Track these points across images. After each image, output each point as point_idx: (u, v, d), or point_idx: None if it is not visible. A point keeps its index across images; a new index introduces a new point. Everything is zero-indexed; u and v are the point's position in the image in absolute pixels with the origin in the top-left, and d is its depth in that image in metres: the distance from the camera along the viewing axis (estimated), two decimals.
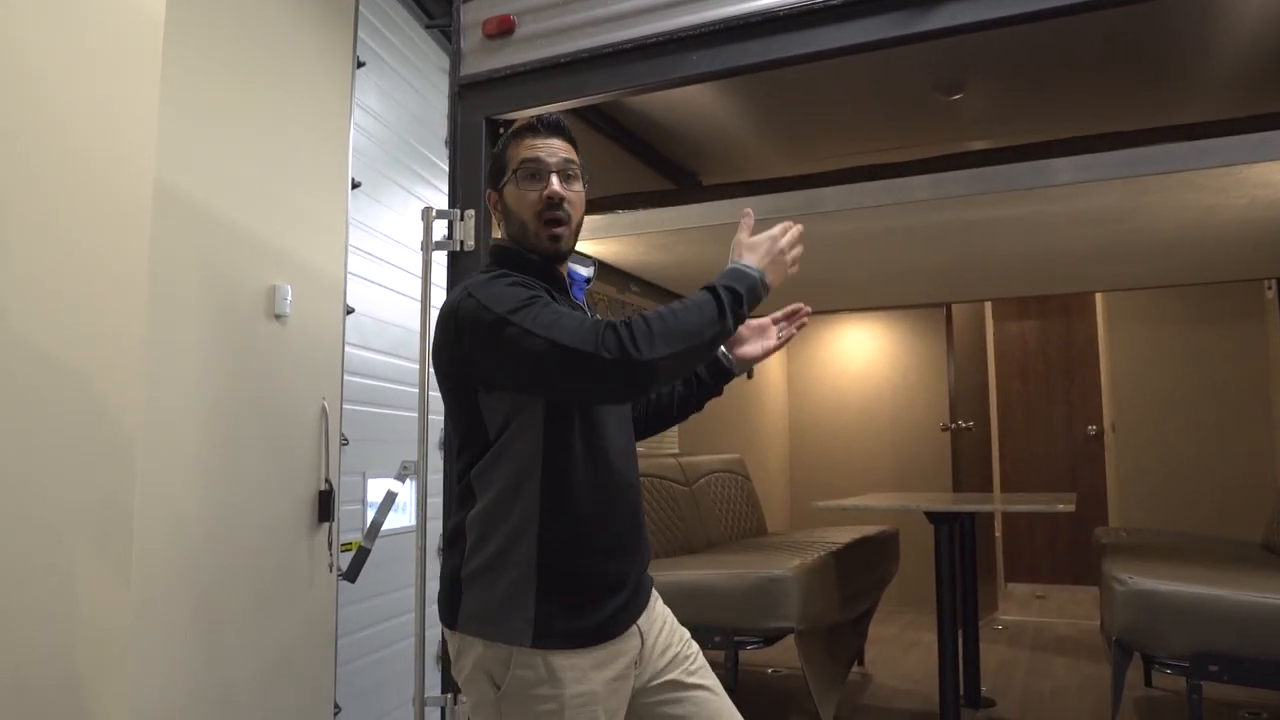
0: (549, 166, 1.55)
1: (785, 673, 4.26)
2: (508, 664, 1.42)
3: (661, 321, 1.35)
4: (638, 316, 1.36)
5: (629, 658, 1.50)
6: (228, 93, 2.41)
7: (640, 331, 1.33)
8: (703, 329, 1.38)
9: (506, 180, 1.58)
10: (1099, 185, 2.47)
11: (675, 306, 1.39)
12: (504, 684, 1.42)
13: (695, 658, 1.61)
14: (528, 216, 1.55)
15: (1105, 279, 4.32)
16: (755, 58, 2.20)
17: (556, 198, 1.54)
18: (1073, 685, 4.02)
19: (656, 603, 1.62)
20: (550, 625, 1.42)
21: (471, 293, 1.43)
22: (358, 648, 2.91)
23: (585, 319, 1.36)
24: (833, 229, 3.05)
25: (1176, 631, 2.30)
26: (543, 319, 1.35)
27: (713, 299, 1.40)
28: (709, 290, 1.42)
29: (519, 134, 1.59)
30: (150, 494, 2.08)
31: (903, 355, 6.36)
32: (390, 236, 3.18)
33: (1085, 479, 6.49)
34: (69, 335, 1.57)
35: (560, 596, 1.44)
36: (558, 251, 1.56)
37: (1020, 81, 3.49)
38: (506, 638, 1.42)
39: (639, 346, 1.31)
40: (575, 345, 1.32)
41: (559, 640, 1.42)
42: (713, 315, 1.39)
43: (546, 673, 1.41)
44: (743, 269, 1.46)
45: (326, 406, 2.73)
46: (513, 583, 1.44)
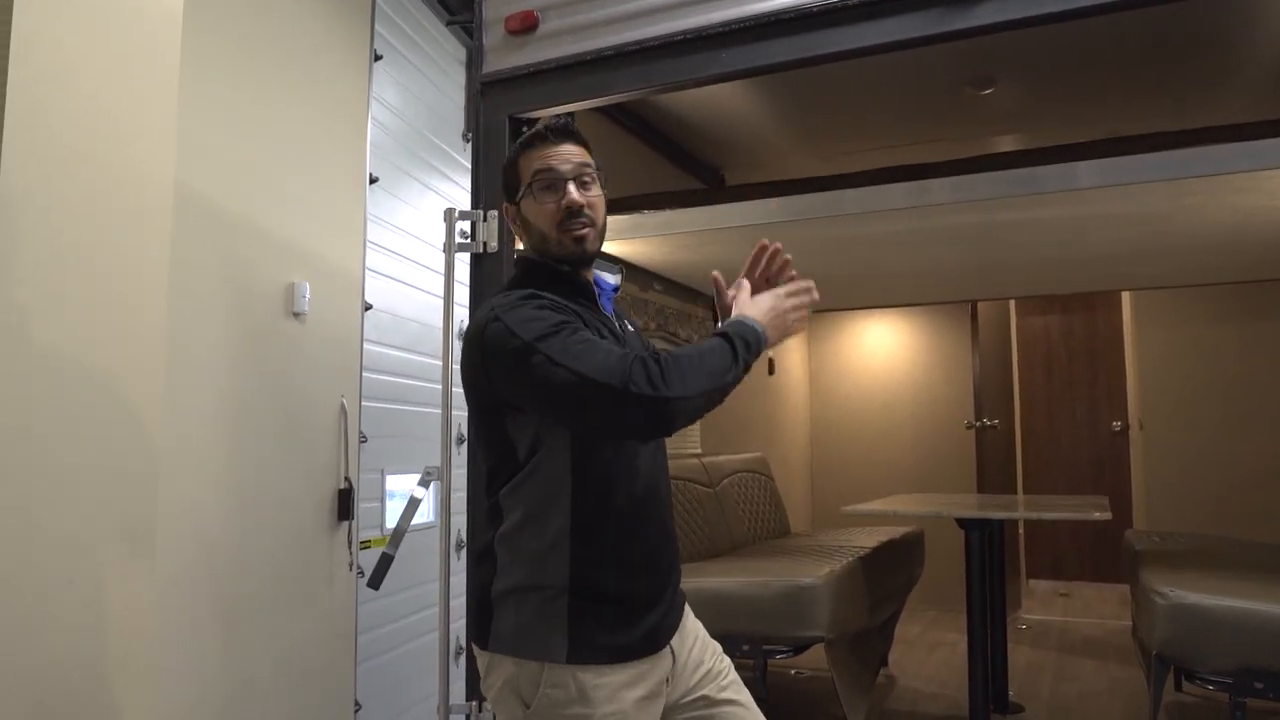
0: (564, 175, 1.51)
1: (810, 674, 4.21)
2: (538, 682, 1.40)
3: (690, 361, 1.34)
4: (666, 354, 1.35)
5: (660, 675, 1.47)
6: (244, 89, 2.38)
7: (670, 368, 1.31)
8: (724, 372, 1.37)
9: (523, 194, 1.54)
10: (1137, 187, 2.40)
11: (699, 348, 1.38)
12: (534, 703, 1.40)
13: (726, 672, 1.58)
14: (548, 227, 1.51)
15: (1137, 278, 4.24)
16: (785, 56, 2.14)
17: (575, 206, 1.50)
18: (1102, 689, 3.97)
19: (688, 618, 1.60)
20: (584, 641, 1.40)
21: (499, 315, 1.40)
22: (377, 645, 2.89)
23: (614, 351, 1.34)
24: (859, 230, 2.99)
25: (1220, 647, 2.25)
26: (570, 349, 1.32)
27: (727, 345, 1.39)
28: (722, 337, 1.40)
29: (528, 145, 1.55)
30: (172, 496, 2.07)
31: (926, 351, 6.28)
32: (408, 231, 3.15)
33: (1109, 476, 6.41)
34: (90, 341, 1.55)
35: (594, 614, 1.41)
36: (584, 253, 1.52)
37: (1054, 76, 3.42)
38: (539, 655, 1.40)
39: (669, 382, 1.30)
40: (602, 379, 1.29)
41: (593, 655, 1.40)
42: (730, 360, 1.38)
43: (578, 692, 1.38)
44: (747, 323, 1.44)
45: (345, 404, 2.70)
46: (545, 600, 1.42)
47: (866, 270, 3.90)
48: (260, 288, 2.42)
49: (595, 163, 1.57)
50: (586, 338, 1.35)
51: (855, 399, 6.49)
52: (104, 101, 1.59)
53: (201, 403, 2.21)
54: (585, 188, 1.53)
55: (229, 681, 2.24)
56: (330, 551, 2.63)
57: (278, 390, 2.46)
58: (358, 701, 2.72)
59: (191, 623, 2.14)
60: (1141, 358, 5.44)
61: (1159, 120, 3.72)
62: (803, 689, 4.10)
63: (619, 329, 1.57)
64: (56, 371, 1.48)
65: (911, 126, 3.97)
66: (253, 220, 2.40)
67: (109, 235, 1.59)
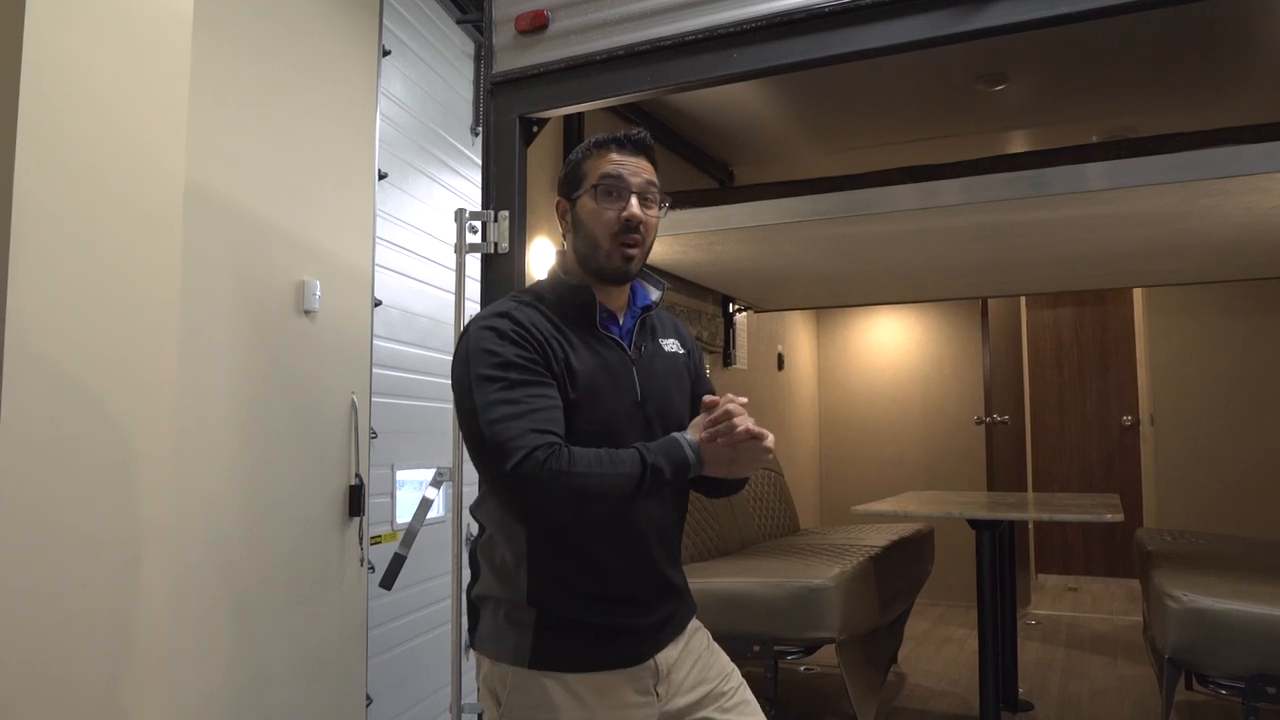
0: (630, 187, 1.48)
1: (820, 670, 4.21)
2: (506, 684, 1.42)
3: (584, 479, 1.30)
4: (574, 460, 1.31)
5: (639, 686, 1.44)
6: (252, 86, 2.37)
7: (553, 477, 1.28)
8: (616, 496, 1.33)
9: (583, 193, 1.51)
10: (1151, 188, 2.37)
11: (607, 464, 1.33)
12: (504, 703, 1.43)
13: (732, 693, 1.55)
14: (601, 235, 1.48)
15: (1151, 275, 4.21)
16: (797, 56, 2.12)
17: (635, 220, 1.47)
18: (1112, 687, 3.96)
19: (692, 637, 1.56)
20: (548, 650, 1.41)
21: (468, 334, 1.42)
22: (388, 639, 2.91)
23: (525, 428, 1.31)
24: (869, 229, 2.97)
25: (1233, 652, 2.23)
26: (498, 407, 1.33)
27: (637, 475, 1.34)
28: (640, 461, 1.34)
29: (603, 145, 1.51)
30: (185, 492, 2.09)
31: (936, 346, 6.25)
32: (417, 227, 3.14)
33: (1120, 471, 6.39)
34: (103, 341, 1.56)
35: (562, 626, 1.42)
36: (626, 273, 1.50)
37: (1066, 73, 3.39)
38: (508, 658, 1.43)
39: (543, 493, 1.29)
40: (497, 444, 1.30)
41: (554, 663, 1.40)
42: (633, 486, 1.33)
43: (541, 696, 1.39)
44: (683, 447, 1.38)
45: (356, 401, 2.71)
46: (512, 610, 1.44)
47: (876, 268, 3.89)
48: (271, 286, 2.43)
49: (659, 186, 1.54)
50: (524, 399, 1.34)
51: (864, 394, 6.47)
52: (115, 101, 1.59)
53: (214, 400, 2.22)
54: (646, 206, 1.50)
55: (242, 676, 2.26)
56: (341, 547, 2.64)
57: (289, 387, 2.47)
58: (369, 696, 2.74)
59: (205, 618, 2.16)
60: (1153, 352, 5.41)
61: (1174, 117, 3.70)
62: (814, 685, 4.10)
63: (629, 349, 1.53)
64: (70, 371, 1.49)
65: (922, 123, 3.95)
66: (263, 218, 2.40)
67: (121, 235, 1.59)
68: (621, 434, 1.44)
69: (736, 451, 1.39)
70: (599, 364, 1.46)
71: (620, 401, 1.47)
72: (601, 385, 1.45)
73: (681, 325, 1.72)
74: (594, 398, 1.43)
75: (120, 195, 1.60)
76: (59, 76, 1.48)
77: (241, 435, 2.30)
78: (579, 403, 1.42)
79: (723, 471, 1.41)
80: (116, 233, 1.59)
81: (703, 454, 1.38)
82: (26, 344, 1.41)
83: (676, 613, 1.53)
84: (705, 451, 1.38)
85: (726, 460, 1.39)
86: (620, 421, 1.46)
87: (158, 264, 1.68)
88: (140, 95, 1.65)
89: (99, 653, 1.52)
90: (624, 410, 1.47)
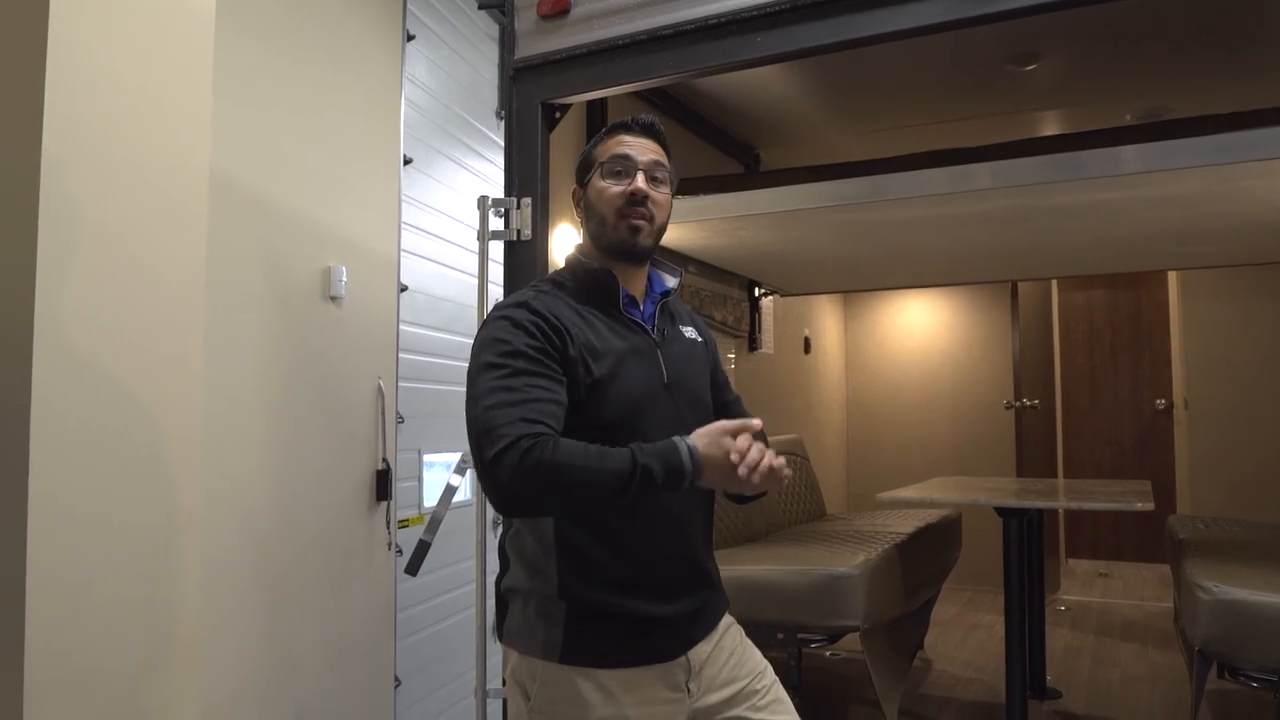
0: (637, 164, 1.50)
1: (846, 656, 4.20)
2: (536, 678, 1.42)
3: (565, 470, 1.26)
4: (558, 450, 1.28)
5: (671, 682, 1.44)
6: (276, 74, 2.38)
7: (535, 466, 1.26)
8: (604, 494, 1.28)
9: (591, 175, 1.54)
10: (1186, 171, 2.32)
11: (594, 459, 1.28)
12: (533, 697, 1.42)
13: (765, 692, 1.53)
14: (608, 211, 1.50)
15: (1184, 258, 4.14)
16: (823, 39, 2.09)
17: (640, 194, 1.48)
18: (1142, 675, 3.92)
19: (725, 634, 1.55)
20: (578, 644, 1.40)
21: (489, 319, 1.44)
22: (416, 622, 2.94)
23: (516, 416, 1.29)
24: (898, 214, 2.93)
25: (1265, 644, 2.19)
26: (495, 394, 1.33)
27: (626, 473, 1.27)
28: (631, 460, 1.28)
29: (611, 131, 1.55)
30: (215, 481, 2.11)
31: (965, 329, 6.18)
32: (442, 212, 3.15)
33: (1152, 456, 6.30)
34: (130, 329, 1.57)
35: (587, 622, 1.41)
36: (635, 245, 1.49)
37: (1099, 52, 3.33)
38: (537, 652, 1.42)
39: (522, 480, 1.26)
40: (485, 430, 1.30)
41: (588, 658, 1.40)
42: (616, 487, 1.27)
43: (571, 691, 1.39)
44: (678, 451, 1.30)
45: (383, 386, 2.73)
46: (544, 601, 1.43)
47: (903, 253, 3.84)
48: (297, 273, 2.44)
49: (671, 168, 1.56)
50: (514, 386, 1.33)
51: (892, 378, 6.41)
52: (139, 90, 1.60)
53: (242, 388, 2.24)
54: (655, 183, 1.52)
55: (273, 658, 2.29)
56: (369, 531, 2.67)
57: (316, 373, 2.49)
58: (398, 677, 2.77)
59: (236, 602, 2.19)
60: (1187, 334, 5.31)
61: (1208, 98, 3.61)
62: (839, 671, 4.09)
63: (653, 333, 1.54)
64: (98, 360, 1.50)
65: (951, 104, 3.89)
66: (288, 205, 2.41)
67: (146, 225, 1.61)
68: (650, 417, 1.44)
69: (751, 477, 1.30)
70: (625, 346, 1.47)
71: (648, 384, 1.47)
72: (628, 366, 1.45)
73: (697, 317, 1.73)
74: (620, 378, 1.43)
75: (145, 184, 1.61)
76: (84, 67, 1.49)
77: (270, 422, 2.32)
78: (603, 382, 1.41)
79: (721, 485, 1.34)
80: (142, 222, 1.60)
81: (702, 463, 1.30)
82: (55, 335, 1.42)
83: (709, 604, 1.52)
84: (707, 461, 1.30)
85: (729, 478, 1.30)
86: (648, 404, 1.46)
87: (183, 253, 1.69)
88: (164, 84, 1.65)
89: (131, 639, 1.54)
90: (652, 392, 1.47)
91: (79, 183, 1.48)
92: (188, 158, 1.71)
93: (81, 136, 1.48)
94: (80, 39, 1.49)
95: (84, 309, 1.48)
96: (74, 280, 1.46)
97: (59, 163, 1.44)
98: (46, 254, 1.41)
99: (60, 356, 1.44)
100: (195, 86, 1.73)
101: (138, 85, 1.60)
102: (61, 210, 1.44)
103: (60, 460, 1.42)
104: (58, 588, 1.41)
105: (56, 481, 1.42)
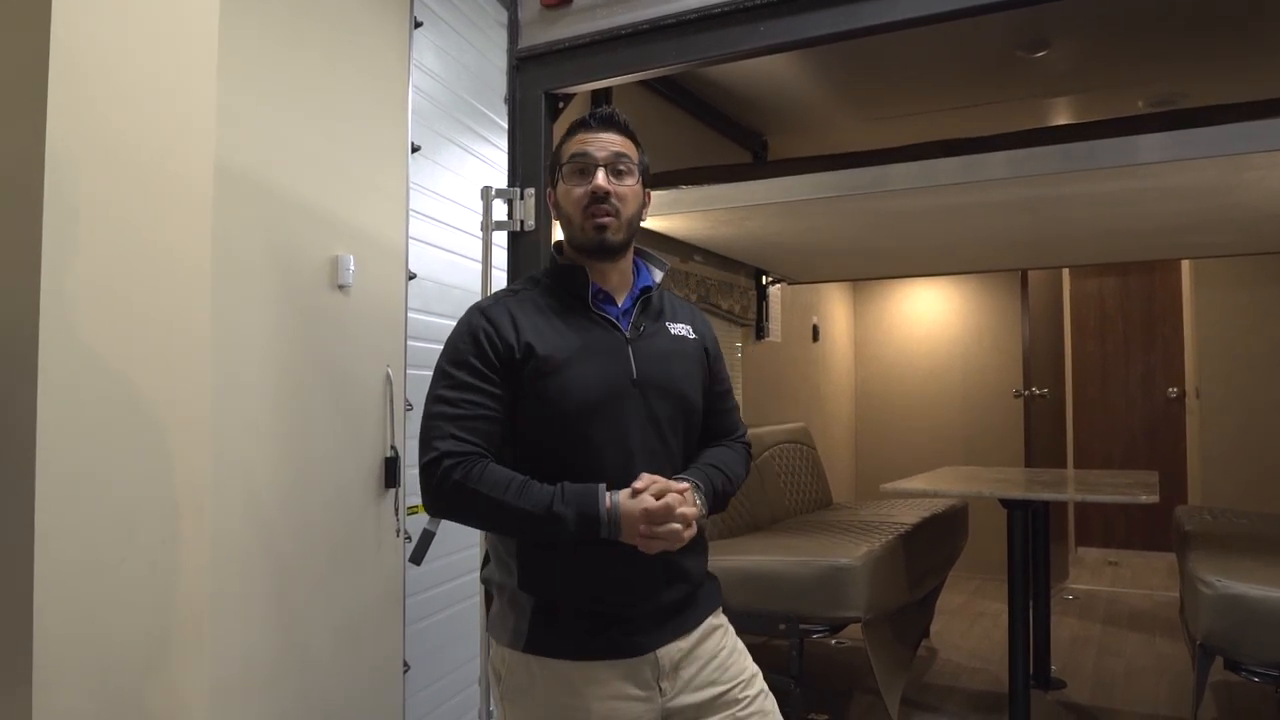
0: (597, 161, 1.50)
1: (850, 644, 4.20)
2: (505, 665, 1.47)
3: (480, 499, 1.36)
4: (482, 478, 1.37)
5: (638, 679, 1.43)
6: (282, 62, 2.38)
7: (454, 488, 1.36)
8: (513, 530, 1.42)
9: (558, 177, 1.56)
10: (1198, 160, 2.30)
11: (512, 494, 1.35)
12: (502, 683, 1.48)
13: (748, 702, 1.49)
14: (574, 212, 1.51)
15: (1196, 247, 4.10)
16: (824, 29, 2.07)
17: (601, 192, 1.48)
18: (1148, 665, 3.91)
19: (709, 635, 1.52)
20: (540, 634, 1.43)
21: (460, 320, 1.52)
22: (424, 607, 2.95)
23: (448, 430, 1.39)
24: (907, 204, 2.91)
25: (1269, 640, 2.18)
26: (438, 404, 1.43)
27: (537, 516, 1.35)
28: (547, 507, 1.34)
29: (572, 129, 1.55)
30: (224, 470, 2.12)
31: (974, 317, 6.14)
32: (451, 199, 3.14)
33: (1163, 446, 6.26)
34: (137, 320, 1.57)
35: (559, 613, 1.44)
36: (603, 242, 1.50)
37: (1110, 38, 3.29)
38: (505, 640, 1.47)
39: (441, 497, 1.38)
40: (424, 437, 1.42)
41: (548, 648, 1.43)
42: (525, 527, 1.38)
43: (533, 680, 1.43)
44: (596, 503, 1.35)
45: (391, 374, 2.74)
46: (511, 592, 1.48)
47: (912, 242, 3.82)
48: (305, 262, 2.44)
49: (639, 157, 1.55)
50: (453, 400, 1.42)
51: (901, 367, 6.39)
52: (143, 79, 1.60)
53: (250, 377, 2.25)
54: (618, 177, 1.51)
55: (282, 644, 2.31)
56: (378, 518, 2.68)
57: (324, 362, 2.50)
58: (406, 662, 2.79)
59: (244, 589, 2.21)
60: (1200, 322, 5.27)
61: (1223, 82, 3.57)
62: (844, 659, 4.10)
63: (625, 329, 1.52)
64: (104, 349, 1.51)
65: (961, 91, 3.86)
66: (295, 194, 2.41)
67: (151, 213, 1.61)
68: (615, 413, 1.46)
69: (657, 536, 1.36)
70: (581, 342, 1.47)
71: (608, 380, 1.46)
72: (584, 363, 1.45)
73: (702, 317, 1.69)
74: (569, 374, 1.44)
75: (150, 174, 1.61)
76: (87, 55, 1.49)
77: (278, 410, 2.33)
78: (550, 378, 1.43)
79: (637, 544, 1.37)
80: (147, 212, 1.60)
81: (622, 519, 1.35)
82: (61, 325, 1.43)
83: (685, 603, 1.49)
84: (625, 519, 1.35)
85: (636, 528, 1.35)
86: (608, 400, 1.45)
87: (189, 243, 1.69)
88: (168, 73, 1.66)
89: (139, 625, 1.56)
90: (615, 389, 1.46)
91: (83, 173, 1.48)
92: (193, 147, 1.71)
93: (85, 126, 1.49)
94: (83, 28, 1.49)
95: (90, 299, 1.49)
96: (79, 270, 1.47)
97: (63, 153, 1.45)
98: (51, 245, 1.42)
99: (67, 346, 1.44)
100: (200, 75, 1.73)
101: (142, 75, 1.60)
102: (66, 201, 1.45)
103: (68, 449, 1.44)
104: (66, 575, 1.43)
105: (64, 470, 1.43)
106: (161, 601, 1.61)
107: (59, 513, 1.42)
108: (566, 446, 1.43)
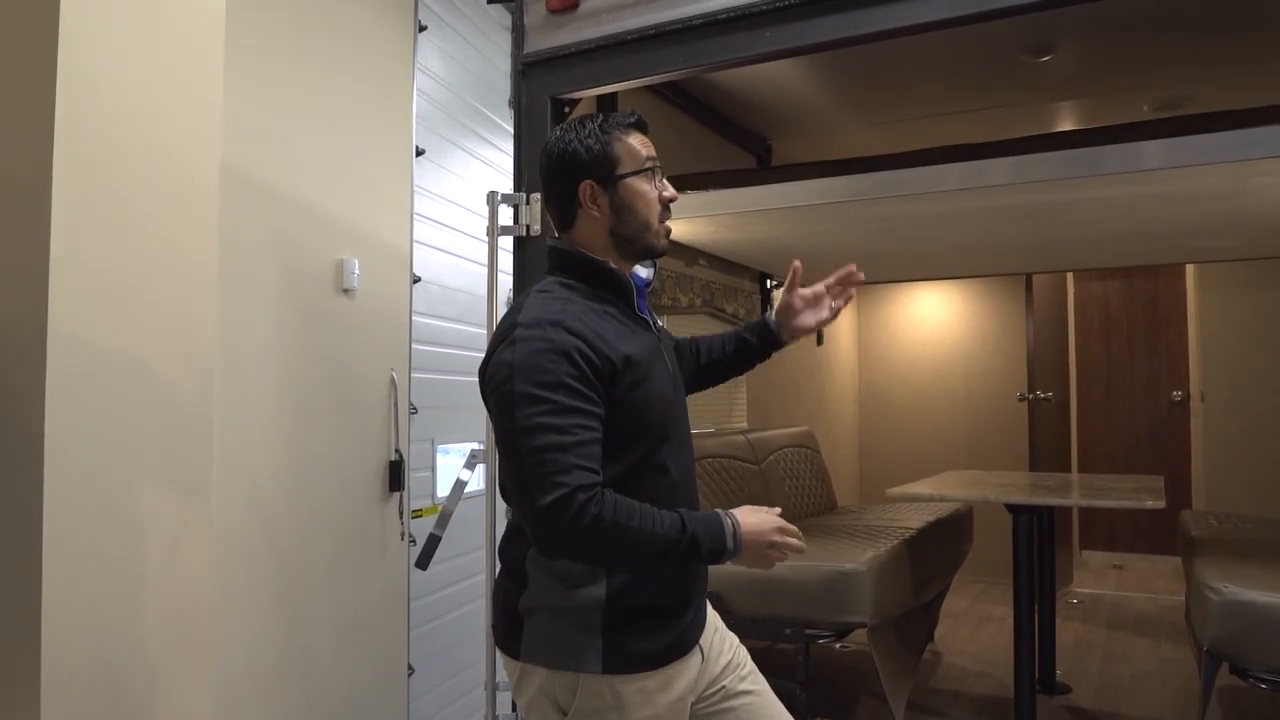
0: (660, 167, 1.53)
1: (855, 649, 4.20)
2: (574, 691, 1.40)
3: (620, 530, 1.29)
4: (619, 510, 1.30)
5: (692, 674, 1.48)
6: (288, 65, 2.39)
7: (593, 523, 1.27)
8: (649, 561, 1.35)
9: (628, 174, 1.48)
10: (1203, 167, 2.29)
11: (647, 521, 1.32)
12: (571, 711, 1.41)
13: (744, 664, 1.60)
14: (652, 215, 1.51)
15: (1200, 252, 4.09)
16: (830, 35, 2.07)
17: (675, 199, 1.54)
18: (1154, 670, 3.90)
19: (708, 609, 1.61)
20: (618, 651, 1.40)
21: (516, 339, 1.35)
22: (428, 611, 2.96)
23: (575, 463, 1.28)
24: (911, 209, 2.91)
25: (1276, 646, 2.18)
26: (543, 434, 1.29)
27: (678, 546, 1.34)
28: (681, 531, 1.34)
29: (629, 127, 1.51)
30: (229, 472, 2.14)
31: (979, 320, 6.14)
32: (455, 202, 3.15)
33: (1168, 449, 6.25)
34: (144, 322, 1.59)
35: (628, 626, 1.42)
36: (665, 251, 1.55)
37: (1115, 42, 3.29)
38: (574, 665, 1.40)
39: (576, 535, 1.28)
40: (538, 474, 1.27)
41: (627, 664, 1.40)
42: (662, 551, 1.33)
43: (613, 699, 1.39)
44: (724, 535, 1.38)
45: (396, 377, 2.75)
46: (580, 615, 1.41)
47: (916, 247, 3.81)
48: (310, 266, 2.45)
49: None
50: (562, 427, 1.29)
51: (905, 370, 6.38)
52: (149, 83, 1.61)
53: (256, 380, 2.26)
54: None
55: (287, 646, 2.33)
56: (382, 521, 2.69)
57: (329, 366, 2.51)
58: (411, 666, 2.80)
59: (250, 591, 2.22)
60: (1204, 326, 5.26)
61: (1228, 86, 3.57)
62: (849, 664, 4.09)
63: (655, 326, 1.56)
64: (112, 353, 1.52)
65: (965, 95, 3.86)
66: (300, 198, 2.42)
67: (158, 217, 1.62)
68: (671, 416, 1.48)
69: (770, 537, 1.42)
70: (646, 348, 1.46)
71: (666, 382, 1.48)
72: (654, 369, 1.46)
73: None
74: (651, 382, 1.43)
75: (157, 177, 1.62)
76: (94, 60, 1.50)
77: (283, 414, 2.34)
78: (637, 388, 1.40)
79: (749, 559, 1.42)
80: (154, 216, 1.61)
81: (745, 535, 1.39)
82: (69, 328, 1.44)
83: (706, 585, 1.58)
84: (750, 534, 1.40)
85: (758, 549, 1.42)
86: (672, 402, 1.49)
87: (196, 246, 1.70)
88: (175, 77, 1.66)
89: (146, 627, 1.57)
90: (670, 391, 1.49)
91: (91, 176, 1.49)
92: (199, 150, 1.72)
93: (92, 129, 1.50)
94: (90, 32, 1.49)
95: (97, 303, 1.49)
96: (87, 274, 1.48)
97: (71, 156, 1.45)
98: (60, 249, 1.43)
99: (74, 350, 1.45)
100: (206, 79, 1.74)
101: (148, 79, 1.61)
102: (74, 204, 1.46)
103: (75, 452, 1.45)
104: (74, 577, 1.44)
105: (72, 474, 1.44)
106: (168, 601, 1.62)
107: (67, 512, 1.43)
108: (652, 451, 1.43)
